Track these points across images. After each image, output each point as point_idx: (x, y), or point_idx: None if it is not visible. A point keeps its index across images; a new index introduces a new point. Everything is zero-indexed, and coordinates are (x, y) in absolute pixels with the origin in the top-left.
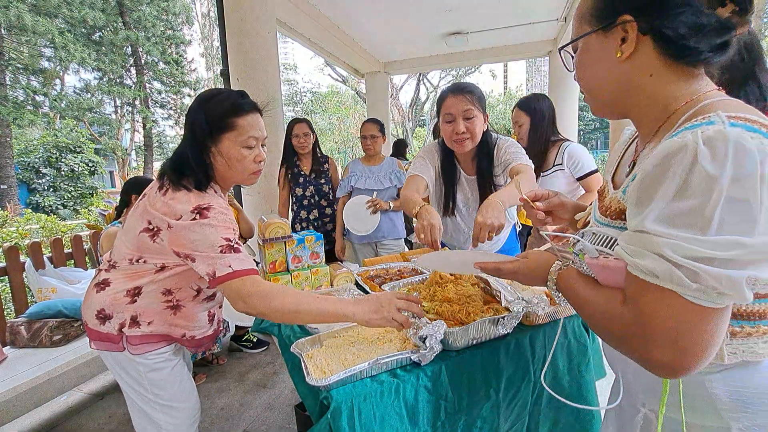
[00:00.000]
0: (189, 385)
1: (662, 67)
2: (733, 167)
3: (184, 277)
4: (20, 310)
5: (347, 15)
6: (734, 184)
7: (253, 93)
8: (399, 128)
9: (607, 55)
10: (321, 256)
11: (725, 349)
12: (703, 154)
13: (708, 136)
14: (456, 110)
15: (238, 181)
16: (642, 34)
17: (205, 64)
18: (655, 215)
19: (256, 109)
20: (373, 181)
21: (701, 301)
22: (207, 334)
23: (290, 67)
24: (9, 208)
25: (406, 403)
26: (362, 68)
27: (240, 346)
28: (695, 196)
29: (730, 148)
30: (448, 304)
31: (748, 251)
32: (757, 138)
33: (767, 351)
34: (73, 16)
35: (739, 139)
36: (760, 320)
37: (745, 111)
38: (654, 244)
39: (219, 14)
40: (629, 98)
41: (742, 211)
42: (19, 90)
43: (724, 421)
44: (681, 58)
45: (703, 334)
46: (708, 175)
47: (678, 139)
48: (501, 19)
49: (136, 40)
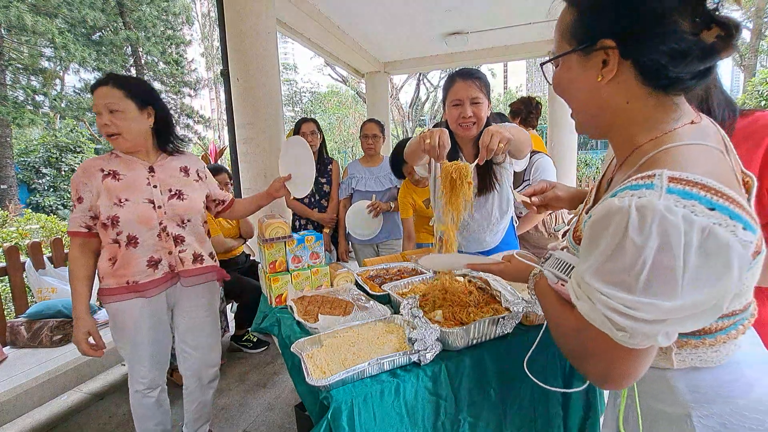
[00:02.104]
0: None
1: (641, 94)
2: (658, 239)
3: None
4: (20, 310)
5: (347, 15)
6: (659, 254)
7: (253, 93)
8: (399, 128)
9: (588, 76)
10: (321, 256)
11: (674, 358)
12: (633, 225)
13: (641, 204)
14: (464, 95)
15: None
16: (623, 59)
17: (205, 64)
18: (593, 269)
19: (103, 83)
20: (373, 183)
21: (627, 344)
22: (154, 277)
23: (290, 67)
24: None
25: (406, 403)
26: (362, 68)
27: (240, 346)
28: (625, 260)
29: (656, 221)
30: (450, 305)
31: (663, 313)
32: (690, 206)
33: (716, 358)
34: (73, 16)
35: (666, 213)
36: (706, 335)
37: (692, 168)
38: (590, 294)
39: (219, 14)
40: (607, 121)
41: (665, 277)
42: (19, 90)
43: (686, 409)
44: (661, 87)
45: (629, 368)
46: (636, 244)
47: (617, 202)
48: (501, 19)
49: (136, 40)
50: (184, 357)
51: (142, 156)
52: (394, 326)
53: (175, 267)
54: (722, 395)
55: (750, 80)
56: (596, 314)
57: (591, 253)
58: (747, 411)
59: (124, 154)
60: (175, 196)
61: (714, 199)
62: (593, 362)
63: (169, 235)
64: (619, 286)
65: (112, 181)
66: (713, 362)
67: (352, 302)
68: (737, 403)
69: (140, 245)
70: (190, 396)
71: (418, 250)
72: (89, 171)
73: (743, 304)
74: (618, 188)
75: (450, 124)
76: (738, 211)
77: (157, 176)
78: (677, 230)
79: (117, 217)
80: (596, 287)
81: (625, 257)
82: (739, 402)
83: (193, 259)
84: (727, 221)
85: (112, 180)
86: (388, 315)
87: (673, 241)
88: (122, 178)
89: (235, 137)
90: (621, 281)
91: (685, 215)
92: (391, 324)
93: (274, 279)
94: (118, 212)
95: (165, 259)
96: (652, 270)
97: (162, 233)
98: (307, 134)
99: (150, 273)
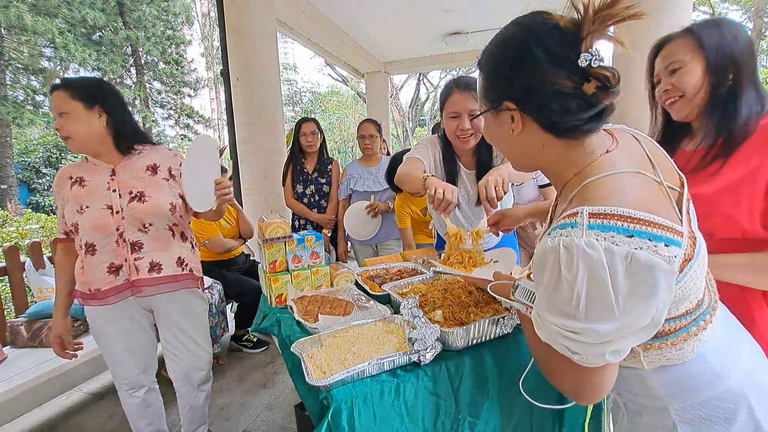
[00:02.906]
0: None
1: (550, 140)
2: (585, 272)
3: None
4: (20, 310)
5: (347, 15)
6: (590, 285)
7: (253, 93)
8: (399, 128)
9: (503, 131)
10: (321, 256)
11: (643, 360)
12: (564, 262)
13: (567, 243)
14: (462, 108)
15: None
16: (526, 114)
17: (205, 64)
18: (542, 302)
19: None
20: (372, 183)
21: (585, 364)
22: (116, 284)
23: (290, 67)
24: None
25: (406, 403)
26: (362, 68)
27: (240, 346)
28: (563, 293)
29: (580, 258)
30: (450, 305)
31: (604, 336)
32: (609, 237)
33: (681, 356)
34: (73, 16)
35: (587, 249)
36: (668, 335)
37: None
38: (544, 324)
39: (219, 14)
40: (533, 164)
41: (600, 304)
42: (19, 90)
43: (663, 402)
44: (561, 135)
45: (597, 383)
46: (567, 280)
47: (549, 242)
48: (501, 19)
49: (136, 40)
50: (170, 359)
51: (106, 158)
52: (394, 326)
53: (129, 276)
54: (693, 388)
55: None
56: (553, 341)
57: (539, 288)
58: (718, 401)
59: (92, 158)
60: (135, 199)
61: (631, 226)
62: (566, 381)
63: (126, 241)
64: (564, 315)
65: (78, 187)
66: (679, 359)
67: (352, 302)
68: (708, 395)
69: (98, 252)
70: (182, 399)
71: (418, 251)
72: (61, 179)
73: (695, 303)
74: (552, 226)
75: (448, 135)
76: (656, 231)
77: (118, 179)
78: (600, 263)
79: (77, 224)
80: (547, 318)
81: (563, 291)
82: (708, 393)
83: (150, 267)
84: (647, 243)
85: (78, 187)
86: (388, 315)
87: (599, 272)
88: (86, 185)
89: (235, 137)
90: (565, 312)
91: (607, 247)
92: (391, 324)
93: (274, 279)
94: (78, 219)
95: (125, 266)
96: (588, 299)
97: (119, 239)
98: (308, 134)
99: (111, 279)
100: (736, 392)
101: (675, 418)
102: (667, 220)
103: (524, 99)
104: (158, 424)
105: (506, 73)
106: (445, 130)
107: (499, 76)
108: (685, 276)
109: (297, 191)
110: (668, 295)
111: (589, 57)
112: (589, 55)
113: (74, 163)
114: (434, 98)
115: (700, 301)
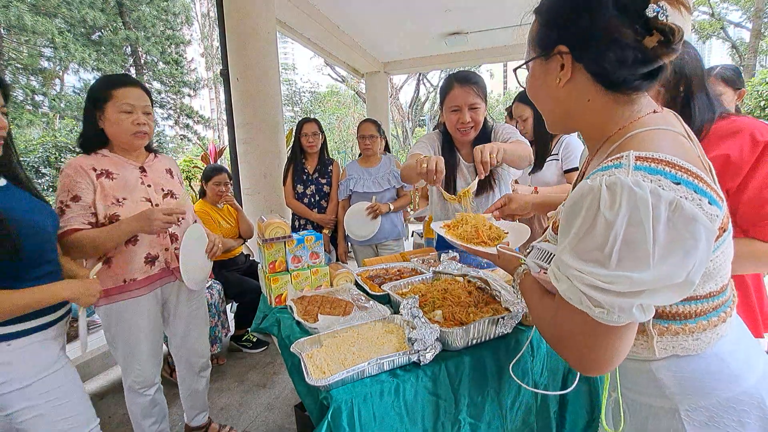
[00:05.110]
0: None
1: (598, 93)
2: (627, 213)
3: None
4: None
5: (347, 15)
6: (629, 228)
7: (253, 93)
8: (399, 128)
9: (549, 80)
10: (321, 256)
11: (656, 346)
12: (604, 201)
13: (610, 182)
14: (462, 101)
15: (124, 142)
16: (577, 62)
17: (205, 64)
18: (570, 249)
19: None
20: (371, 183)
21: (604, 321)
22: (150, 273)
23: (289, 67)
24: None
25: (405, 403)
26: (362, 68)
27: (240, 346)
28: (597, 237)
29: (625, 196)
30: (449, 305)
31: (636, 285)
32: (656, 180)
33: (697, 346)
34: (73, 15)
35: (633, 187)
36: (687, 320)
37: (657, 149)
38: (568, 273)
39: (219, 14)
40: (572, 120)
41: (637, 250)
42: (19, 90)
43: (673, 402)
44: (611, 87)
45: (608, 349)
46: (607, 220)
47: (589, 182)
48: (501, 19)
49: (135, 40)
50: (175, 344)
51: (137, 156)
52: (394, 326)
53: (170, 263)
54: (707, 388)
55: (749, 80)
56: (574, 293)
57: (567, 235)
58: (734, 403)
59: (121, 154)
60: (168, 195)
61: (679, 174)
62: (576, 347)
63: (166, 232)
64: (593, 262)
65: (106, 180)
66: (694, 350)
67: (352, 302)
68: (723, 396)
69: (139, 242)
70: (184, 383)
71: (417, 251)
72: (81, 170)
73: (719, 285)
74: (591, 171)
75: (448, 128)
76: (702, 186)
77: (149, 176)
78: (645, 203)
79: (117, 215)
80: (572, 265)
81: (597, 234)
82: (724, 395)
83: None
84: (693, 195)
85: (106, 179)
86: (388, 315)
87: (642, 213)
88: (116, 177)
89: (235, 137)
90: (595, 258)
91: (653, 189)
92: (390, 324)
93: (274, 279)
94: (117, 211)
95: (162, 256)
96: (624, 244)
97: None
98: (309, 135)
99: (147, 269)
100: (751, 395)
101: (685, 420)
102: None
103: (580, 45)
104: (162, 423)
105: (566, 15)
106: (445, 124)
107: (556, 20)
108: (719, 247)
109: (297, 191)
110: (707, 254)
111: (657, 9)
112: (657, 7)
113: (85, 156)
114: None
115: (725, 286)
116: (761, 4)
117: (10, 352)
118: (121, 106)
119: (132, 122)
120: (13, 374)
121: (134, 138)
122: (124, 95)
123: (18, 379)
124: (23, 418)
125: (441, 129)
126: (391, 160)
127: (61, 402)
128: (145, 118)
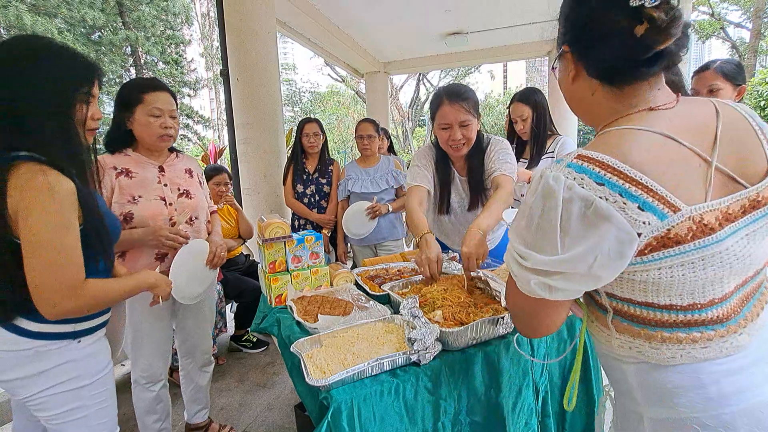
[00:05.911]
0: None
1: (600, 87)
2: (542, 202)
3: None
4: None
5: (347, 15)
6: (543, 215)
7: (253, 93)
8: (399, 128)
9: (564, 78)
10: (321, 256)
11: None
12: (532, 189)
13: (541, 173)
14: (452, 119)
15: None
16: (579, 60)
17: (205, 64)
18: (514, 225)
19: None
20: (370, 184)
21: (526, 292)
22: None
23: (289, 67)
24: None
25: (405, 403)
26: (362, 68)
27: (240, 346)
28: (523, 217)
29: (541, 187)
30: (450, 305)
31: (539, 264)
32: (579, 178)
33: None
34: (73, 15)
35: (550, 181)
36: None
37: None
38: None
39: (219, 14)
40: (588, 114)
41: (546, 236)
42: None
43: (639, 407)
44: (611, 80)
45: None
46: (528, 205)
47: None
48: (501, 19)
49: (135, 39)
50: (182, 338)
51: (159, 156)
52: (394, 326)
53: None
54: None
55: (749, 80)
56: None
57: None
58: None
59: (134, 153)
60: (183, 195)
61: (606, 176)
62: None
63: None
64: (519, 239)
65: (125, 178)
66: (653, 359)
67: (352, 302)
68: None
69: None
70: (187, 377)
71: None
72: (102, 168)
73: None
74: None
75: (440, 144)
76: (634, 190)
77: (167, 175)
78: (555, 196)
79: (131, 213)
80: (511, 242)
81: (523, 215)
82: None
83: None
84: (616, 197)
85: (125, 177)
86: (388, 315)
87: (551, 204)
88: (134, 176)
89: (235, 137)
90: (522, 237)
91: (569, 185)
92: (390, 324)
93: (274, 279)
94: (132, 209)
95: (171, 254)
96: (538, 228)
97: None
98: (311, 135)
99: (158, 265)
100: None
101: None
102: (661, 187)
103: (576, 41)
104: (166, 421)
105: (566, 14)
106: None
107: (561, 20)
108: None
109: (297, 191)
110: (615, 253)
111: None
112: None
113: (108, 155)
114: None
115: (699, 305)
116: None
117: (79, 350)
118: (151, 110)
119: (160, 125)
120: (79, 371)
121: (160, 141)
122: (155, 99)
123: (78, 378)
124: (68, 418)
125: (434, 142)
126: (390, 161)
127: (105, 405)
128: (172, 122)
